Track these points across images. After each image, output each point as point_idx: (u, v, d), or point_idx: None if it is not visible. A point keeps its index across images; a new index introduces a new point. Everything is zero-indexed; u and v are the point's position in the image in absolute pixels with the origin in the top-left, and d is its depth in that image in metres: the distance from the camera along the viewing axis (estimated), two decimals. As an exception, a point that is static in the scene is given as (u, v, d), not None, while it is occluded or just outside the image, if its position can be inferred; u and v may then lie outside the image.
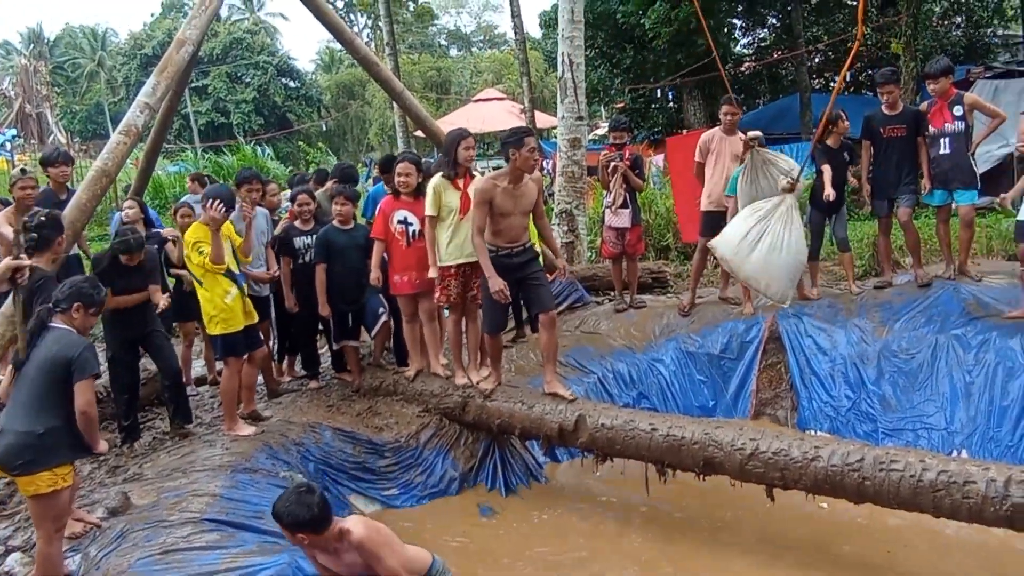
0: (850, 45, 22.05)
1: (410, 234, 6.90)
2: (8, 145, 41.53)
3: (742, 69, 23.55)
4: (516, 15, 21.07)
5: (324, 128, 54.14)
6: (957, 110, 7.55)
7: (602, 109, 30.51)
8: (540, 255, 6.75)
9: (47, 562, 4.50)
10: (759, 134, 7.80)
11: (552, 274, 7.17)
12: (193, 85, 44.75)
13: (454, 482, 6.71)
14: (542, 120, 27.15)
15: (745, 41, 25.94)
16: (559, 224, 11.68)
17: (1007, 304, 7.39)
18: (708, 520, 6.13)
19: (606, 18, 20.48)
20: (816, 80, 24.71)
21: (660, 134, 21.90)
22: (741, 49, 25.56)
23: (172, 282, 8.26)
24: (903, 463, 4.79)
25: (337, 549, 4.04)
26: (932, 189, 7.78)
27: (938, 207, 7.92)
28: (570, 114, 11.88)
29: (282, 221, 8.10)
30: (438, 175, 6.63)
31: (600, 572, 5.54)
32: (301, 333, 7.98)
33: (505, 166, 6.29)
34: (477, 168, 7.37)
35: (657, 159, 19.50)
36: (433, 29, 65.73)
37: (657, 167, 18.69)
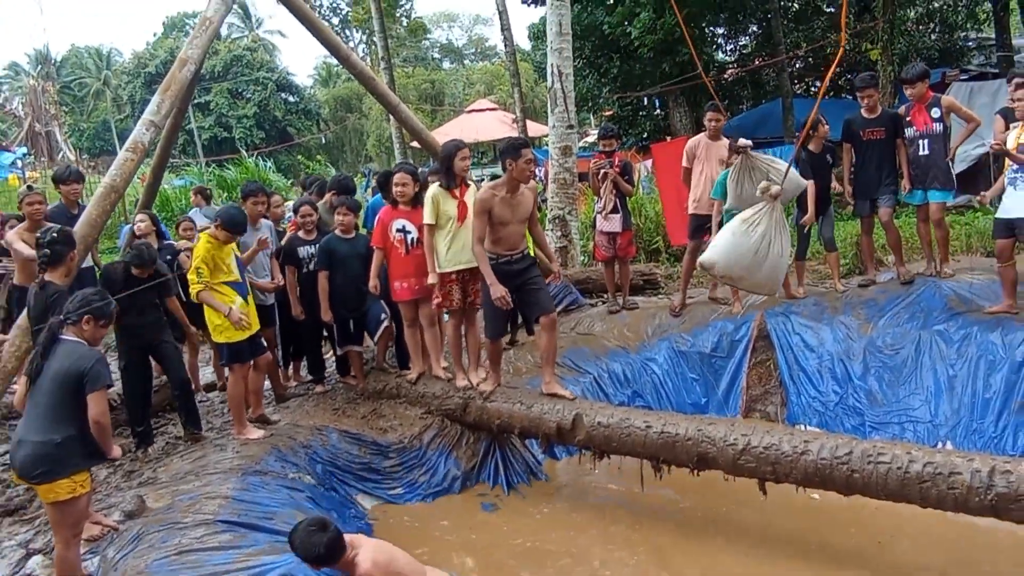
0: (830, 51, 22.20)
1: (408, 242, 6.92)
2: (19, 163, 41.53)
3: (725, 76, 23.55)
4: (506, 28, 21.11)
5: (323, 141, 54.22)
6: (935, 112, 7.59)
7: (591, 117, 30.59)
8: (536, 261, 6.77)
9: (65, 565, 4.52)
10: (749, 143, 7.80)
11: (547, 278, 7.18)
12: (196, 101, 44.65)
13: (457, 480, 6.71)
14: (533, 129, 27.16)
15: (728, 49, 26.00)
16: (553, 229, 11.68)
17: (987, 299, 7.40)
18: (703, 513, 6.13)
19: (593, 29, 20.48)
20: (797, 85, 24.75)
21: (648, 140, 21.95)
22: (724, 56, 25.62)
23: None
24: (890, 455, 4.79)
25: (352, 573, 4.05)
26: (912, 189, 7.81)
27: (918, 206, 7.93)
28: (560, 123, 11.89)
29: (287, 232, 8.11)
30: (435, 185, 6.65)
31: (600, 563, 5.54)
32: (307, 339, 7.99)
33: (502, 176, 6.31)
34: (471, 177, 7.38)
35: (646, 164, 19.54)
36: (426, 43, 65.66)
37: (647, 171, 18.72)
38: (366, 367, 7.82)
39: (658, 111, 23.45)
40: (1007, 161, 6.78)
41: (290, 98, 56.38)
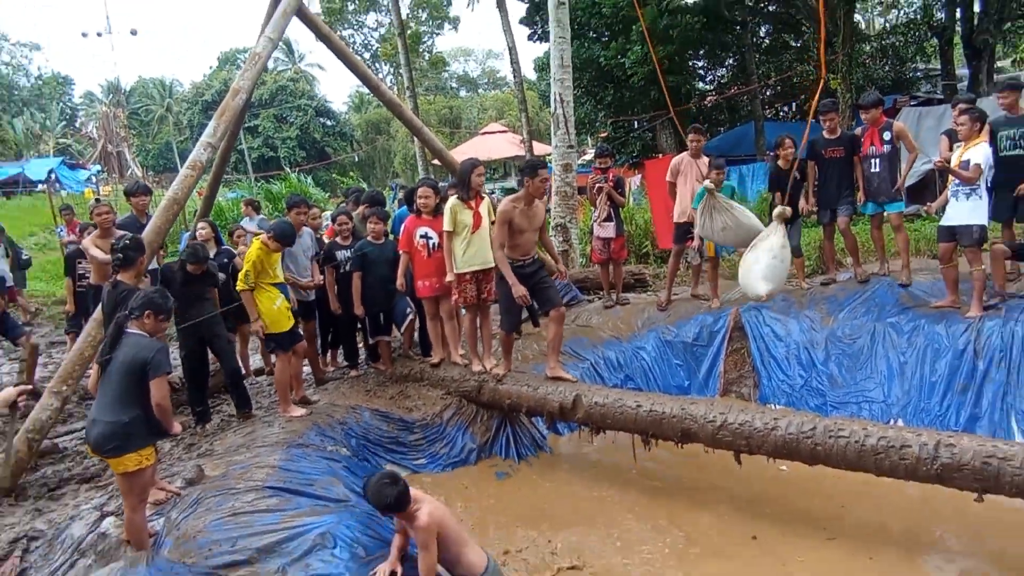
0: (796, 80, 22.15)
1: (430, 246, 6.94)
2: (94, 179, 41.79)
3: (705, 102, 23.50)
4: (515, 61, 21.15)
5: (356, 159, 54.20)
6: (886, 135, 7.55)
7: (588, 138, 30.49)
8: (544, 263, 6.79)
9: (133, 526, 4.55)
10: (722, 170, 7.86)
11: (552, 276, 7.19)
12: (246, 125, 44.75)
13: (472, 452, 6.72)
14: (538, 149, 27.11)
15: (708, 79, 25.94)
16: (555, 235, 11.69)
17: (934, 296, 7.37)
18: (687, 482, 6.12)
19: (590, 62, 20.51)
20: (768, 110, 24.71)
21: (638, 158, 21.91)
22: (704, 85, 25.55)
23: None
24: (849, 431, 4.78)
25: (409, 524, 4.04)
26: (866, 201, 7.79)
27: (871, 216, 7.91)
28: (562, 143, 11.91)
29: (323, 238, 8.14)
30: (454, 197, 6.66)
31: (602, 524, 5.53)
32: (343, 331, 8.03)
33: (520, 191, 6.38)
34: (485, 190, 7.38)
35: (636, 179, 19.54)
36: (445, 74, 65.68)
37: (637, 185, 18.72)
38: (394, 354, 7.84)
39: (647, 133, 23.44)
40: (950, 176, 6.75)
41: (327, 122, 56.55)
